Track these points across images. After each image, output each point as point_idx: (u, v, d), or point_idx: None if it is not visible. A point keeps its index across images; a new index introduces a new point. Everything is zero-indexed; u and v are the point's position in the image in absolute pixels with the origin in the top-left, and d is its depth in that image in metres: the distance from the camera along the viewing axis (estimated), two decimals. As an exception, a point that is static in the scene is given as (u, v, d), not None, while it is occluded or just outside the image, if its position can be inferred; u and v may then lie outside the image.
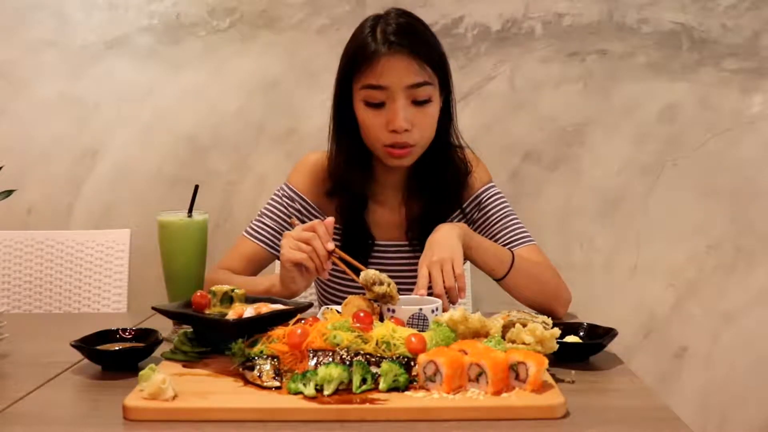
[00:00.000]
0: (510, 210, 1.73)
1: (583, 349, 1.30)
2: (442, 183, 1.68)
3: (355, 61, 1.57)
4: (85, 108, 2.50)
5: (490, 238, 1.69)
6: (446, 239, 1.50)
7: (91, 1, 2.47)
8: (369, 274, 1.37)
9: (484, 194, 1.73)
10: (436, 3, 2.40)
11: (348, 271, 1.44)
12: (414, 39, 1.56)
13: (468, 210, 1.73)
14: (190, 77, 2.48)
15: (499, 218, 1.71)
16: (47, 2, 2.48)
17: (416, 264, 1.67)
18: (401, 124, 1.55)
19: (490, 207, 1.72)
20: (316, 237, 1.42)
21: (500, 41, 2.41)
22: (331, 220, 1.46)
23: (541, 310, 1.60)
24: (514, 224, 1.70)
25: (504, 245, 1.65)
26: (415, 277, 1.51)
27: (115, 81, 2.49)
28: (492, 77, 2.43)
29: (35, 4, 2.48)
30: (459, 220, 1.73)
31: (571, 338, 1.33)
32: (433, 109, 1.60)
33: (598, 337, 1.33)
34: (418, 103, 1.57)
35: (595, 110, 2.43)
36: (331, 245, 1.43)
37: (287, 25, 2.45)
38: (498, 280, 1.60)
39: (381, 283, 1.36)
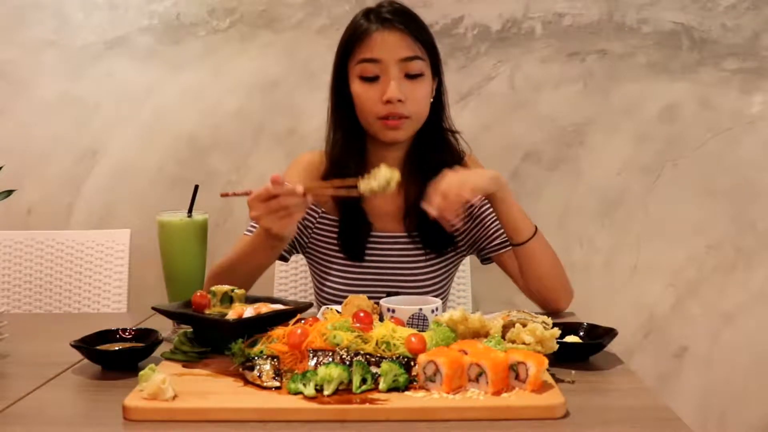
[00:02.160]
0: None
1: (583, 349, 1.30)
2: (436, 166, 1.68)
3: (351, 41, 1.64)
4: (85, 108, 2.50)
5: (494, 228, 1.71)
6: (474, 173, 1.56)
7: (91, 1, 2.47)
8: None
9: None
10: (436, 3, 2.40)
11: (340, 191, 1.50)
12: (406, 18, 1.64)
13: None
14: (190, 77, 2.48)
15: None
16: (47, 2, 2.48)
17: (414, 255, 1.70)
18: (395, 94, 1.59)
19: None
20: (283, 198, 1.40)
21: (500, 41, 2.41)
22: (275, 176, 1.41)
23: (547, 298, 1.63)
24: None
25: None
26: (414, 268, 1.61)
27: (115, 81, 2.49)
28: (492, 77, 2.43)
29: (35, 4, 2.48)
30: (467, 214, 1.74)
31: (571, 338, 1.33)
32: (426, 84, 1.64)
33: (598, 337, 1.33)
34: (411, 77, 1.62)
35: (595, 110, 2.43)
36: (300, 188, 1.41)
37: (287, 25, 2.45)
38: (518, 245, 1.60)
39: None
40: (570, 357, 1.28)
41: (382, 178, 1.44)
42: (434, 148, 1.70)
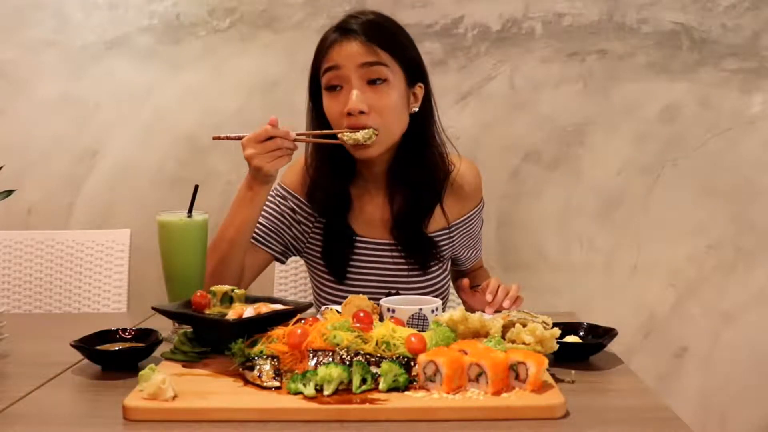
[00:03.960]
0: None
1: (583, 349, 1.31)
2: (419, 179, 1.68)
3: (318, 55, 1.64)
4: (85, 108, 2.50)
5: (470, 243, 1.82)
6: None
7: (91, 1, 2.47)
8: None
9: (480, 212, 1.82)
10: (436, 3, 2.39)
11: (320, 141, 1.60)
12: (369, 27, 1.59)
13: (461, 222, 1.77)
14: (190, 77, 2.48)
15: (477, 233, 1.85)
16: (47, 2, 2.48)
17: (400, 262, 1.71)
18: (355, 106, 1.55)
19: (477, 222, 1.82)
20: (279, 139, 1.52)
21: (500, 41, 2.41)
22: (273, 119, 1.54)
23: None
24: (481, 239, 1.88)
25: (476, 252, 1.86)
26: (398, 275, 1.67)
27: (115, 81, 2.49)
28: (492, 77, 2.43)
29: (35, 4, 2.48)
30: (453, 227, 1.75)
31: (571, 338, 1.33)
32: (391, 93, 1.59)
33: (598, 337, 1.34)
34: (374, 85, 1.57)
35: (595, 110, 2.43)
36: (292, 134, 1.53)
37: (287, 25, 2.45)
38: None
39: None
40: (570, 357, 1.28)
41: (366, 131, 1.55)
42: (418, 158, 1.67)
